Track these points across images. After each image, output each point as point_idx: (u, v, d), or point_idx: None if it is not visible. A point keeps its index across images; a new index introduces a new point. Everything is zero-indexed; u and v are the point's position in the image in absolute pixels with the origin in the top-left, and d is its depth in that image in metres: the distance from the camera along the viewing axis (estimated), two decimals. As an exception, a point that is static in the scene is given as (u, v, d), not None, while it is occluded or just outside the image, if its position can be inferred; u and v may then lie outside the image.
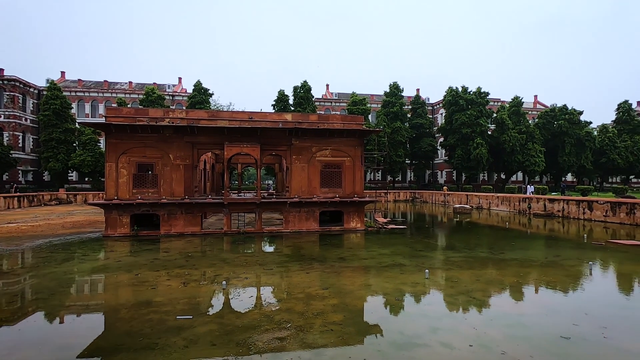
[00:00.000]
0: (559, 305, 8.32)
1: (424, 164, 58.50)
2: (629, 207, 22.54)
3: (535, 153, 47.47)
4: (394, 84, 54.23)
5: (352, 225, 20.37)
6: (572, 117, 49.58)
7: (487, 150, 46.44)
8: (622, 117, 55.62)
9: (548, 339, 6.27)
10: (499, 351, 5.74)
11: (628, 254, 13.87)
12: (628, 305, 8.50)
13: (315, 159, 20.03)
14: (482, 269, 11.65)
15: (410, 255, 14.01)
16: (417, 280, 10.24)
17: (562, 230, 21.86)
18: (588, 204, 25.33)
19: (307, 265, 11.93)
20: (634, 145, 51.55)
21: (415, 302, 8.59)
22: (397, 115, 52.34)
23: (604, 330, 6.56)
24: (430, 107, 67.25)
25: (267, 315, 7.44)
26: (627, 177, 57.15)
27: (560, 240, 18.60)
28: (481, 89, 48.88)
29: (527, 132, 48.45)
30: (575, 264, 12.56)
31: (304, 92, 50.37)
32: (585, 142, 49.42)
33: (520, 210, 31.15)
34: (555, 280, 10.46)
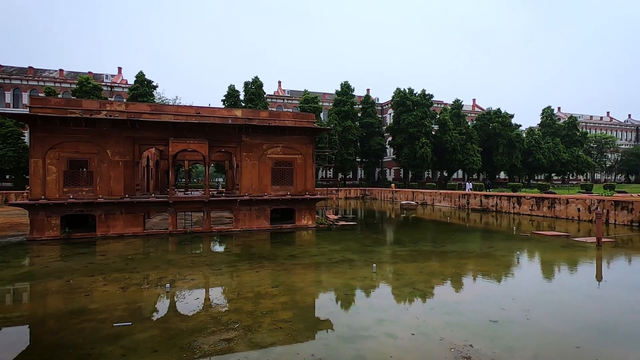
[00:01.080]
0: (491, 292, 9.10)
1: (374, 162, 60.43)
2: (550, 201, 25.23)
3: (474, 152, 51.21)
4: (345, 83, 55.27)
5: (303, 222, 20.46)
6: (505, 120, 54.21)
7: (431, 150, 49.16)
8: (546, 121, 62.04)
9: (480, 323, 6.82)
10: (438, 338, 6.13)
11: (549, 244, 15.52)
12: (548, 289, 9.53)
13: (266, 156, 19.79)
14: (425, 262, 12.34)
15: (360, 250, 14.42)
16: (366, 274, 10.57)
17: (495, 223, 23.86)
18: (517, 200, 27.92)
19: (257, 264, 11.77)
20: (554, 146, 57.71)
21: (363, 296, 8.86)
22: (348, 114, 53.42)
23: (528, 313, 7.29)
24: (380, 107, 69.57)
25: (214, 316, 7.22)
26: (550, 174, 63.87)
27: (494, 232, 20.29)
28: (426, 91, 51.60)
29: (466, 133, 52.07)
30: (505, 254, 13.80)
31: (256, 88, 49.47)
32: (515, 143, 54.31)
33: (460, 206, 33.47)
34: (488, 269, 11.41)
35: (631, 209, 20.32)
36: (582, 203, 23.01)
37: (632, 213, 20.21)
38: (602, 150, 74.74)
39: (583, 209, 22.73)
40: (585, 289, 9.39)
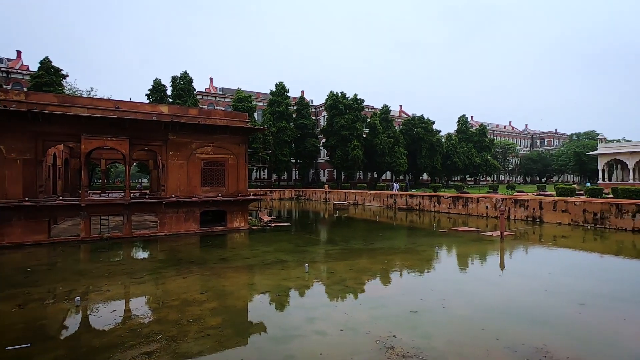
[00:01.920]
0: (412, 285, 9.82)
1: (308, 163, 61.18)
2: (464, 200, 28.07)
3: (401, 155, 54.76)
4: (280, 83, 55.12)
5: (235, 224, 19.89)
6: (427, 126, 58.97)
7: (362, 152, 51.36)
8: (461, 128, 68.88)
9: (402, 315, 7.32)
10: (365, 331, 6.43)
11: (462, 239, 17.24)
12: (461, 279, 10.58)
13: (195, 155, 18.82)
14: (355, 259, 12.84)
15: (293, 251, 14.48)
16: (298, 275, 10.65)
17: (418, 221, 25.80)
18: (437, 199, 30.54)
19: (184, 270, 11.13)
20: (468, 151, 64.35)
21: (295, 296, 8.91)
22: (282, 115, 53.33)
23: (443, 302, 8.01)
24: (314, 109, 70.74)
25: (134, 329, 6.65)
26: (465, 176, 71.00)
27: (417, 229, 21.92)
28: (357, 96, 53.78)
29: (394, 137, 55.47)
30: (426, 249, 15.00)
31: (185, 84, 46.81)
32: (436, 147, 59.36)
33: (388, 205, 35.52)
34: (411, 264, 12.29)
35: (527, 206, 23.55)
36: (489, 201, 26.02)
37: (528, 209, 23.43)
38: (506, 155, 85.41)
39: (490, 206, 25.72)
40: (490, 278, 10.64)
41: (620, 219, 18.98)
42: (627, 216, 18.73)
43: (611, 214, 19.38)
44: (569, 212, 21.22)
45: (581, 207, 20.74)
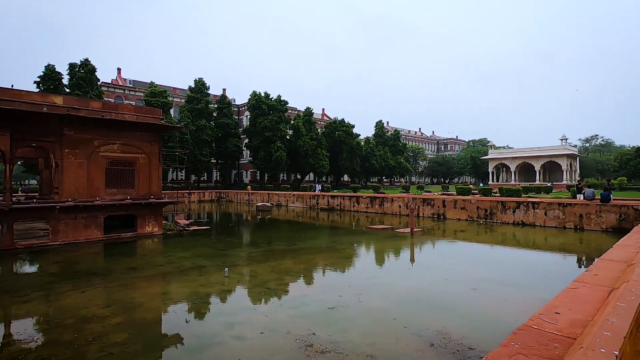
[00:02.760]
0: (332, 282, 10.19)
1: (230, 164, 59.21)
2: (380, 200, 30.06)
3: (323, 157, 56.31)
4: (200, 80, 52.39)
5: (148, 229, 18.28)
6: (348, 129, 61.68)
7: (286, 153, 51.52)
8: (378, 132, 73.65)
9: (321, 311, 7.55)
10: (285, 332, 6.46)
11: (378, 236, 18.44)
12: (376, 274, 11.30)
13: (98, 154, 16.82)
14: (278, 260, 12.82)
15: (213, 255, 13.87)
16: (217, 279, 10.23)
17: (339, 220, 26.83)
18: (356, 199, 32.14)
19: (83, 283, 9.85)
20: (384, 154, 69.07)
21: (213, 302, 8.54)
22: (202, 113, 50.75)
23: (360, 297, 8.47)
24: (237, 109, 68.77)
25: (15, 357, 5.67)
26: (381, 177, 76.00)
27: (338, 228, 22.79)
28: (281, 97, 53.84)
29: (317, 139, 56.81)
30: (346, 247, 15.68)
31: (86, 73, 41.47)
32: (356, 150, 62.42)
33: (311, 206, 36.24)
34: (331, 262, 12.74)
35: (433, 204, 26.19)
36: (402, 201, 28.29)
37: (434, 207, 26.07)
38: (416, 158, 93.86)
39: (403, 205, 27.97)
40: (401, 271, 11.57)
41: (504, 214, 22.28)
42: (509, 212, 22.07)
43: (498, 210, 22.63)
44: (466, 209, 24.18)
45: (475, 205, 23.81)
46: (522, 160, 57.39)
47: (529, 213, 21.16)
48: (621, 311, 2.71)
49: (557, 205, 20.30)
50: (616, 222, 17.95)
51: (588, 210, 19.13)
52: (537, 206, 20.95)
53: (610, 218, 18.30)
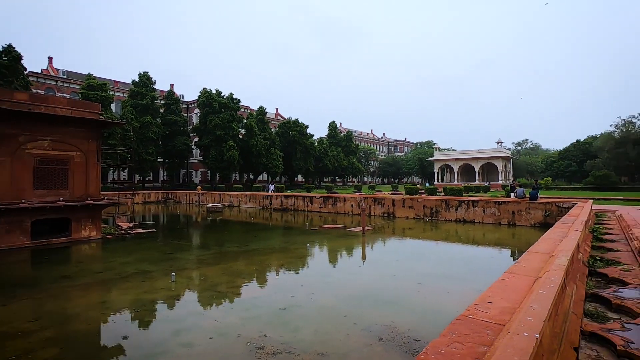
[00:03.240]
0: (284, 283, 10.15)
1: (178, 163, 56.55)
2: (333, 200, 30.53)
3: (277, 157, 55.89)
4: (145, 74, 49.39)
5: (84, 234, 16.83)
6: (301, 129, 61.86)
7: (238, 153, 50.35)
8: (331, 133, 74.74)
9: (272, 312, 7.49)
10: (235, 335, 6.32)
11: (331, 235, 18.72)
12: (328, 272, 11.46)
13: (24, 151, 15.16)
14: (229, 263, 12.49)
15: (159, 259, 13.15)
16: (163, 285, 9.72)
17: (293, 220, 26.81)
18: (310, 199, 32.34)
19: (4, 296, 8.82)
20: (337, 154, 70.28)
21: (159, 309, 8.10)
22: (147, 109, 47.87)
23: (312, 296, 8.54)
24: (185, 106, 65.89)
25: None
26: (334, 177, 77.21)
27: (292, 229, 22.76)
28: (233, 95, 52.54)
29: (270, 138, 56.25)
30: (299, 247, 15.70)
31: (9, 61, 37.15)
32: (310, 150, 62.79)
33: (264, 206, 35.79)
34: (284, 262, 12.69)
35: (383, 203, 27.15)
36: (354, 200, 28.97)
37: (384, 207, 27.04)
38: (368, 159, 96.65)
39: (355, 205, 28.66)
40: (352, 269, 11.85)
41: (448, 212, 23.73)
42: (452, 210, 23.56)
43: (442, 208, 24.05)
44: (414, 207, 25.40)
45: (422, 204, 25.09)
46: (463, 162, 61.57)
47: (470, 211, 22.76)
48: (542, 297, 3.02)
49: (494, 204, 22.06)
50: (542, 218, 19.93)
51: (519, 207, 21.03)
52: (477, 204, 22.61)
53: (538, 214, 20.29)
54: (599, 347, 3.76)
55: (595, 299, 5.16)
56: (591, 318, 4.43)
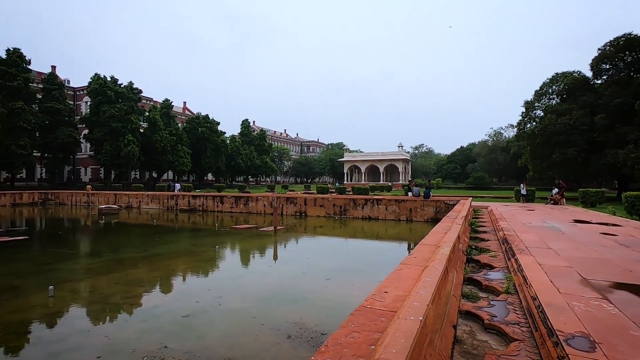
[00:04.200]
0: (189, 288, 9.55)
1: (62, 159, 48.66)
2: (245, 200, 29.85)
3: (184, 154, 52.24)
4: (16, 50, 41.26)
5: None
6: (212, 126, 59.00)
7: (139, 148, 45.62)
8: (244, 131, 72.99)
9: (174, 321, 6.98)
10: (130, 351, 5.70)
11: (242, 235, 18.26)
12: (238, 274, 11.14)
13: None
14: (125, 270, 11.22)
15: (32, 272, 11.11)
16: (39, 301, 8.26)
17: (201, 222, 25.39)
18: (220, 199, 31.05)
19: None
20: (250, 153, 68.94)
21: (32, 330, 6.84)
22: (19, 93, 40.08)
23: (220, 299, 8.19)
24: (72, 92, 57.18)
25: None
26: (247, 176, 75.52)
27: (199, 230, 21.53)
28: (133, 84, 47.45)
29: (177, 134, 52.30)
30: (207, 249, 14.94)
31: None
32: (221, 148, 60.25)
33: (169, 207, 33.13)
34: (190, 266, 11.93)
35: (296, 202, 27.55)
36: (266, 200, 28.77)
37: (296, 205, 27.45)
38: (282, 158, 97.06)
39: (267, 204, 28.47)
40: (263, 269, 11.74)
41: (355, 210, 25.22)
42: (359, 208, 25.12)
43: (350, 206, 25.46)
44: (325, 206, 26.35)
45: (332, 202, 26.18)
46: (370, 163, 66.16)
47: (374, 209, 24.56)
48: (427, 284, 3.42)
49: (395, 202, 24.20)
50: (434, 214, 22.58)
51: (415, 205, 23.48)
52: (380, 203, 24.51)
53: (430, 211, 22.92)
54: (472, 322, 4.42)
55: (471, 282, 6.04)
56: (467, 299, 5.17)
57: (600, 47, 30.81)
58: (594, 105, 29.82)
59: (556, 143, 30.12)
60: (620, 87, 28.85)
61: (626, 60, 29.94)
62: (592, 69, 32.10)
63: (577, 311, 3.83)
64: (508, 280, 5.73)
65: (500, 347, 3.70)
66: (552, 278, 5.15)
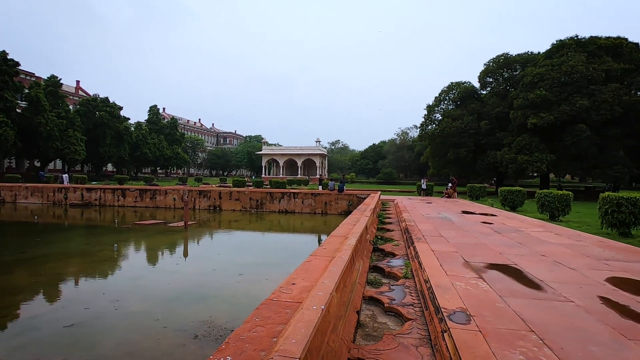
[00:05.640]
0: (80, 293, 8.40)
1: None
2: (152, 193, 27.39)
3: (77, 141, 45.52)
4: None
5: None
6: (113, 110, 52.57)
7: (15, 132, 38.26)
8: (152, 118, 66.76)
9: (56, 333, 6.05)
10: (-6, 372, 4.78)
11: (147, 232, 16.72)
12: (139, 275, 10.16)
13: None
14: (-9, 278, 9.34)
15: None
16: None
17: (98, 218, 22.53)
18: (122, 192, 27.94)
19: None
20: (159, 142, 63.41)
21: None
22: None
23: (117, 303, 7.38)
24: None
25: None
26: (155, 168, 69.39)
27: (96, 227, 19.08)
28: (8, 54, 39.51)
29: (68, 117, 45.27)
30: (103, 248, 13.32)
31: None
32: (124, 136, 54.08)
33: (56, 201, 28.62)
34: (82, 269, 10.51)
35: (209, 196, 26.27)
36: (176, 193, 26.83)
37: (210, 199, 26.19)
38: (195, 149, 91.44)
39: (177, 198, 26.58)
40: (170, 267, 10.94)
41: (272, 204, 25.12)
42: (276, 201, 25.08)
43: (267, 200, 25.26)
44: (241, 200, 25.67)
45: (249, 196, 25.64)
46: (288, 157, 66.51)
47: (291, 202, 24.79)
48: (332, 274, 3.56)
49: (311, 195, 24.76)
50: (347, 207, 23.74)
51: (330, 198, 24.37)
52: (297, 196, 24.84)
53: (343, 204, 24.04)
54: (374, 307, 4.75)
55: (376, 270, 6.49)
56: (371, 285, 5.55)
57: (486, 62, 35.86)
58: (480, 112, 34.59)
59: (451, 144, 34.20)
60: (500, 98, 34.01)
61: (504, 76, 35.40)
62: (479, 81, 37.24)
63: (458, 290, 4.39)
64: (406, 266, 6.31)
65: (397, 327, 4.06)
66: (442, 262, 5.82)
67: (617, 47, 29.13)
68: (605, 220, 9.72)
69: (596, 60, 28.02)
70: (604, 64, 27.53)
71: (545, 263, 5.94)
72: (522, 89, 29.81)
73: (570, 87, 27.34)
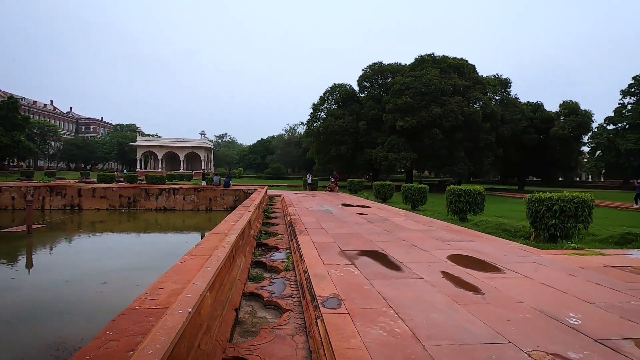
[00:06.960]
0: None
1: None
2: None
3: None
4: None
5: None
6: None
7: None
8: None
9: None
10: None
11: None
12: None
13: None
14: None
15: None
16: None
17: None
18: None
19: None
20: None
21: None
22: None
23: None
24: None
25: None
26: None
27: None
28: None
29: None
30: None
31: None
32: None
33: None
34: None
35: (65, 194, 22.07)
36: (16, 191, 21.70)
37: (66, 198, 22.03)
38: (46, 137, 75.49)
39: (18, 197, 21.53)
40: (4, 282, 8.79)
41: (147, 201, 22.61)
42: (152, 198, 22.67)
43: (141, 197, 22.62)
44: (108, 197, 22.34)
45: (118, 193, 22.51)
46: (168, 150, 60.92)
47: (170, 199, 22.77)
48: (205, 274, 3.37)
49: (194, 191, 23.22)
50: (233, 202, 23.06)
51: (215, 194, 23.29)
52: (177, 192, 22.96)
53: (229, 199, 23.28)
54: (254, 302, 4.71)
55: (259, 265, 6.46)
56: (253, 280, 5.49)
57: (364, 68, 39.46)
58: (359, 113, 37.92)
59: (334, 141, 36.60)
60: (375, 102, 37.91)
61: (379, 82, 39.58)
62: (358, 84, 40.75)
63: (333, 277, 4.70)
64: (288, 259, 6.46)
65: (276, 319, 4.11)
66: (320, 252, 6.16)
67: (460, 67, 35.69)
68: (450, 208, 11.81)
69: (446, 76, 33.77)
70: (451, 79, 33.38)
71: (404, 247, 6.87)
72: (392, 95, 33.84)
73: (428, 96, 32.30)
